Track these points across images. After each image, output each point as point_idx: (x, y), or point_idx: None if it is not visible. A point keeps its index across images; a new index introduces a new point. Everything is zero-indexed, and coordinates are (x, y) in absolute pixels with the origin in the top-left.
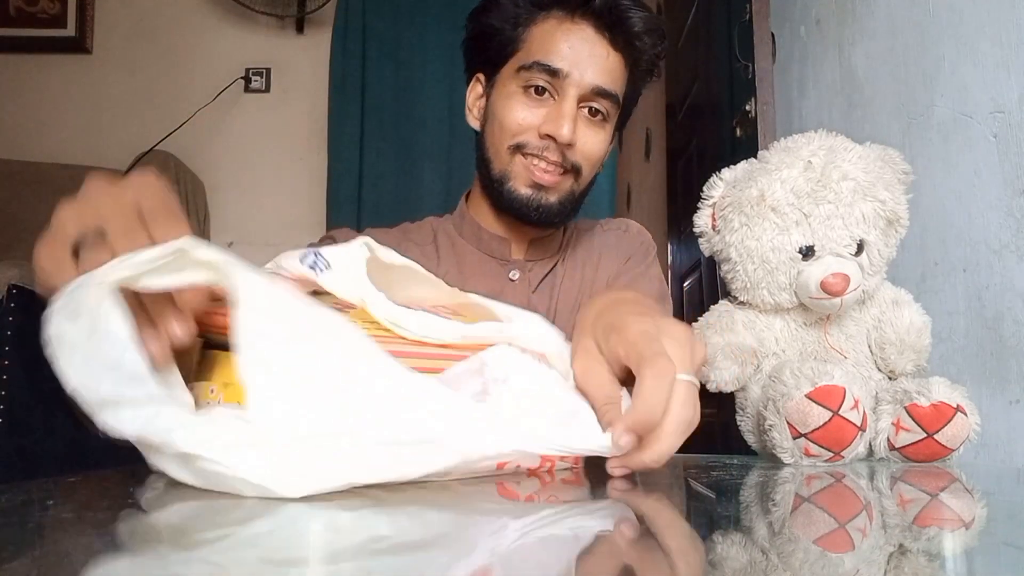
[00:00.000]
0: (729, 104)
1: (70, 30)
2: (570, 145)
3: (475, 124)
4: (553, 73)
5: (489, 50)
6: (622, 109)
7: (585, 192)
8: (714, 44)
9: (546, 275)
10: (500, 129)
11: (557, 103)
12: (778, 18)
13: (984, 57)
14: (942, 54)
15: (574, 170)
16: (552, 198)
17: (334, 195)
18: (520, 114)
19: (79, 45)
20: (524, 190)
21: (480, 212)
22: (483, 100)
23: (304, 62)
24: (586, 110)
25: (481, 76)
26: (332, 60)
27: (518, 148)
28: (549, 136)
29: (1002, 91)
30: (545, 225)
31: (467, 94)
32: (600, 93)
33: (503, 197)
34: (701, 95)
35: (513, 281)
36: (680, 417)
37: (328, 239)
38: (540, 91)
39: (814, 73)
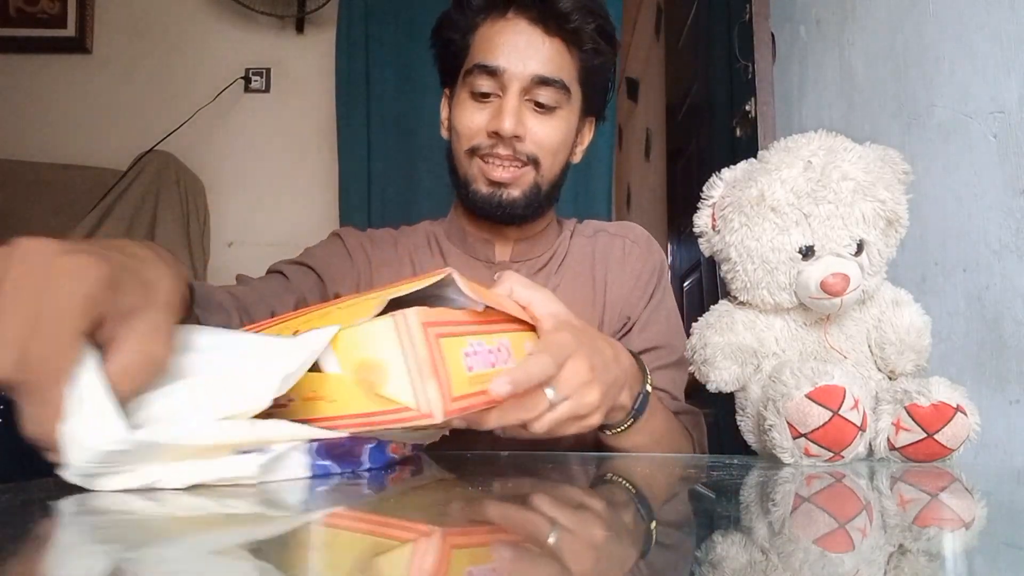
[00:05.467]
0: (729, 104)
1: (70, 30)
2: (518, 138)
3: (445, 135)
4: (492, 72)
5: (447, 62)
6: (586, 91)
7: (555, 183)
8: (714, 44)
9: (534, 275)
10: (457, 136)
11: (501, 100)
12: (778, 18)
13: (984, 57)
14: (942, 54)
15: (532, 162)
16: (515, 192)
17: (345, 196)
18: (469, 118)
19: (79, 45)
20: (484, 189)
21: (465, 216)
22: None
23: (304, 62)
24: (532, 102)
25: (447, 90)
26: (337, 61)
27: (473, 151)
28: (495, 133)
29: (1002, 91)
30: (514, 221)
31: (440, 109)
32: (542, 82)
33: (469, 199)
34: (701, 95)
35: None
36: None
37: (335, 237)
38: (484, 95)
39: (814, 73)
